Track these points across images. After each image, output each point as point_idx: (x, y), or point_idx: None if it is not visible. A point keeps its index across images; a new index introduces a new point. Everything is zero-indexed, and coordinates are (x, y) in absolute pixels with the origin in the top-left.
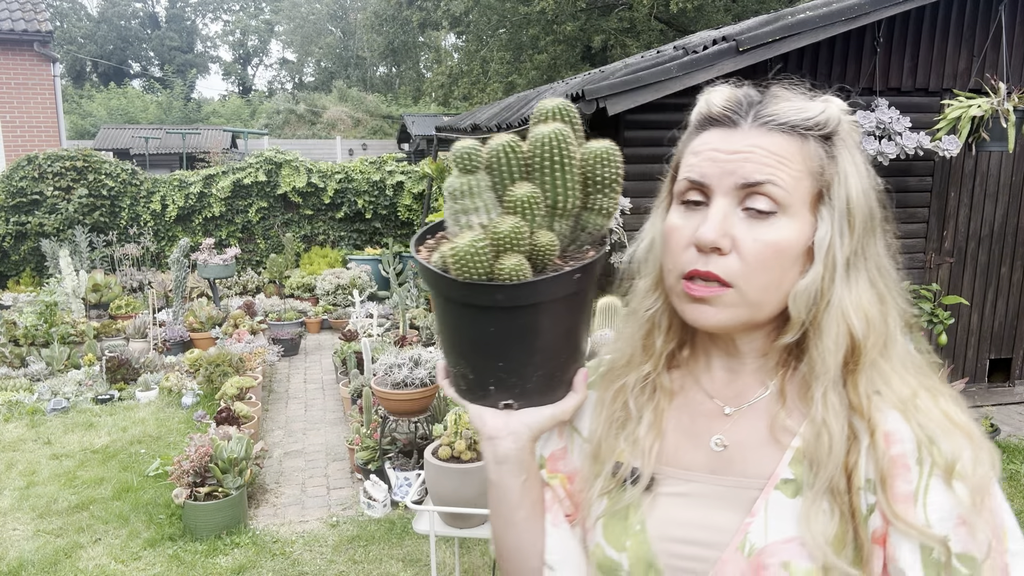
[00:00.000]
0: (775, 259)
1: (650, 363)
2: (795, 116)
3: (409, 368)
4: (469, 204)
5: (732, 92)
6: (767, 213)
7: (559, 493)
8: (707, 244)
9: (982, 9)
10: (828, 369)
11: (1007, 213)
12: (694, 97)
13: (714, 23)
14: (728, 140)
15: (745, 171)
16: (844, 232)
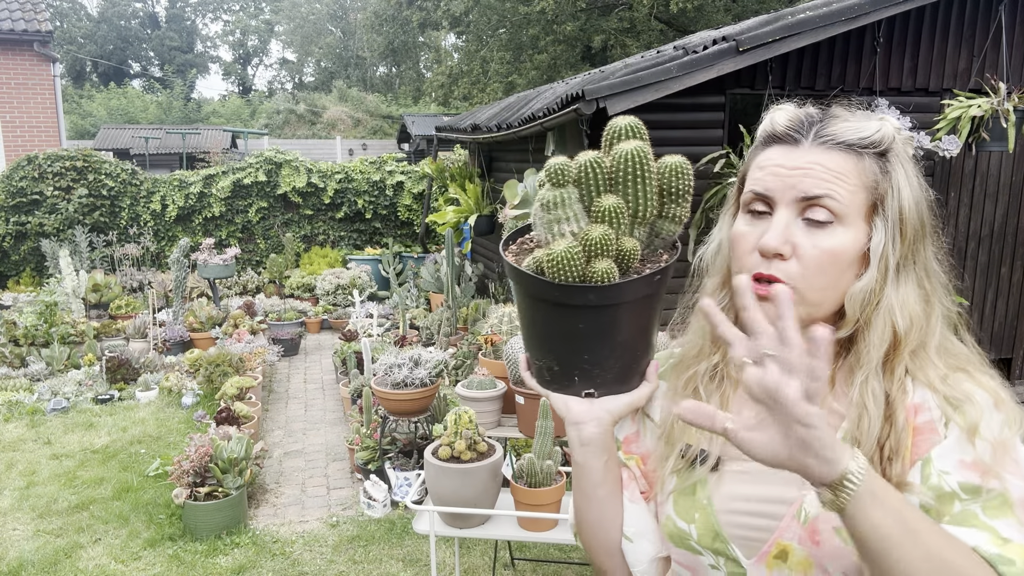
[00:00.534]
0: (832, 264)
1: (718, 354)
2: (852, 136)
3: (409, 368)
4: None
5: (795, 112)
6: (825, 223)
7: (635, 472)
8: (770, 251)
9: (982, 9)
10: (872, 360)
11: (1007, 213)
12: (694, 97)
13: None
14: (790, 156)
15: (805, 185)
16: (896, 240)
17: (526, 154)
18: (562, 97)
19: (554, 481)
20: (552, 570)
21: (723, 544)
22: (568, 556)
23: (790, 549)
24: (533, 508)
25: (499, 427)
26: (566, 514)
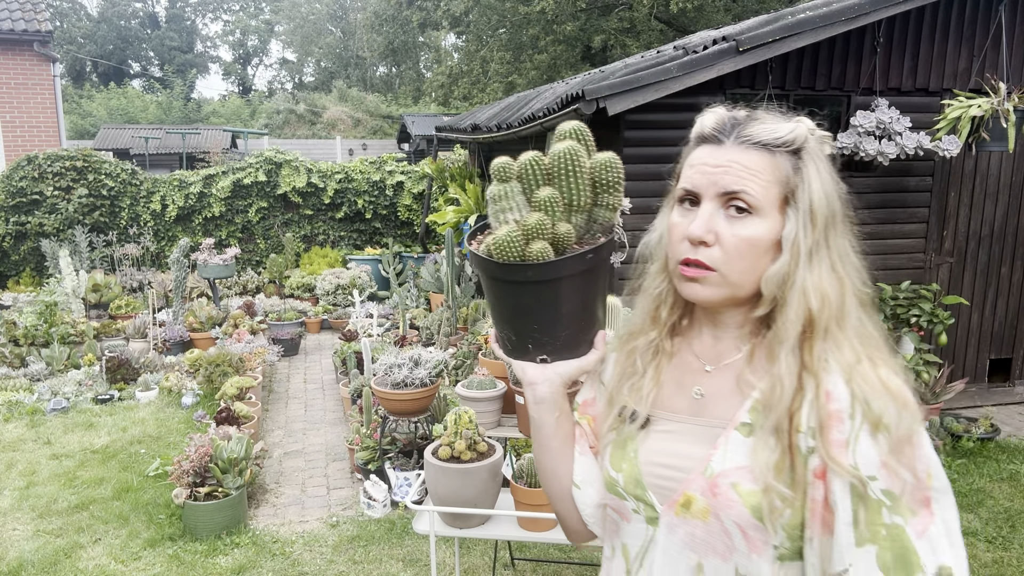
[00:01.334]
0: (749, 250)
1: (656, 330)
2: (766, 136)
3: (409, 368)
4: (505, 205)
5: (722, 115)
6: (742, 214)
7: (586, 430)
8: (695, 238)
9: (982, 9)
10: (788, 336)
11: (1007, 213)
12: (694, 97)
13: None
14: (714, 155)
15: (725, 182)
16: (808, 228)
17: None
18: (562, 97)
19: None
20: (552, 570)
21: (642, 491)
22: (568, 556)
23: (693, 499)
24: (533, 508)
25: (499, 427)
26: None
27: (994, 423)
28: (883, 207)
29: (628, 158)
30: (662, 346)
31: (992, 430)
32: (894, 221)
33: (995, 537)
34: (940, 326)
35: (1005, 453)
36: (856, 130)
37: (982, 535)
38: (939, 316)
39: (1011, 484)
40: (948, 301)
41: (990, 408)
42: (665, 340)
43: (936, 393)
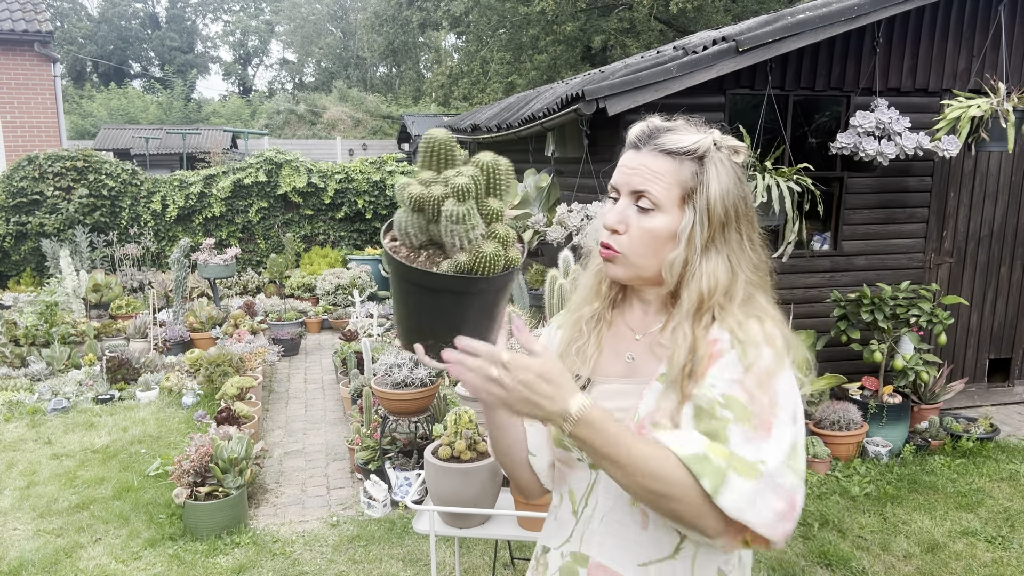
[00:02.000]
0: (650, 239)
1: (599, 302)
2: (672, 145)
3: (409, 368)
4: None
5: (643, 125)
6: (648, 209)
7: None
8: (608, 227)
9: (982, 9)
10: (683, 310)
11: (1007, 213)
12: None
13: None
14: (632, 159)
15: (634, 182)
16: (704, 224)
17: (526, 154)
18: (562, 97)
19: None
20: None
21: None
22: None
23: None
24: (533, 508)
25: None
26: None
27: (993, 423)
28: (882, 207)
29: None
30: (603, 315)
31: (991, 430)
32: (893, 221)
33: (995, 537)
34: (940, 326)
35: (1004, 453)
36: (856, 130)
37: (982, 535)
38: (939, 316)
39: (1010, 484)
40: (947, 301)
41: (989, 408)
42: (606, 310)
43: (936, 393)
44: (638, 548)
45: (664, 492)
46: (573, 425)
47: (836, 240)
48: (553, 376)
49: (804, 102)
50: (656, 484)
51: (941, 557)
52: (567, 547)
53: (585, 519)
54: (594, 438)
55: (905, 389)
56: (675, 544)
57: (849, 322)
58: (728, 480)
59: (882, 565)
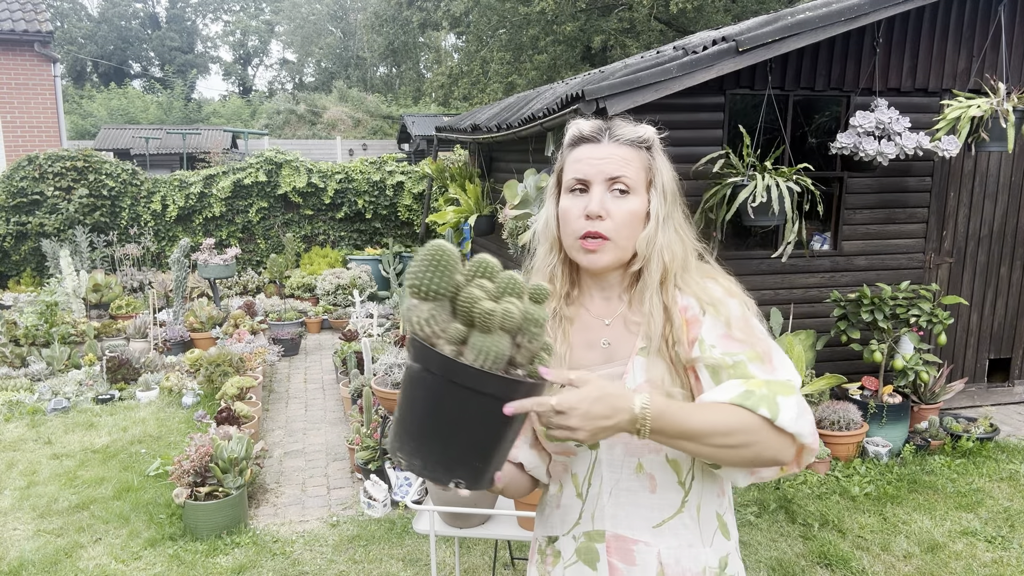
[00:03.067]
0: (632, 220)
1: (554, 301)
2: (631, 135)
3: None
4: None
5: (595, 121)
6: (624, 193)
7: None
8: (594, 214)
9: (981, 9)
10: (653, 282)
11: (1007, 213)
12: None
13: (714, 23)
14: (597, 151)
15: (609, 169)
16: (663, 203)
17: (526, 154)
18: (562, 97)
19: None
20: None
21: None
22: None
23: None
24: (533, 508)
25: None
26: None
27: (993, 423)
28: (882, 207)
29: None
30: (563, 313)
31: (991, 430)
32: (893, 221)
33: (995, 537)
34: (939, 326)
35: (1004, 453)
36: (855, 130)
37: (982, 535)
38: (938, 316)
39: (1010, 484)
40: (947, 301)
41: (989, 408)
42: (563, 308)
43: (935, 393)
44: (649, 511)
45: (739, 441)
46: (646, 424)
47: (836, 240)
48: (602, 395)
49: (804, 102)
50: (728, 438)
51: (941, 557)
52: (578, 529)
53: (592, 497)
54: (666, 425)
55: (905, 389)
56: (681, 499)
57: (849, 322)
58: (778, 401)
59: (882, 565)
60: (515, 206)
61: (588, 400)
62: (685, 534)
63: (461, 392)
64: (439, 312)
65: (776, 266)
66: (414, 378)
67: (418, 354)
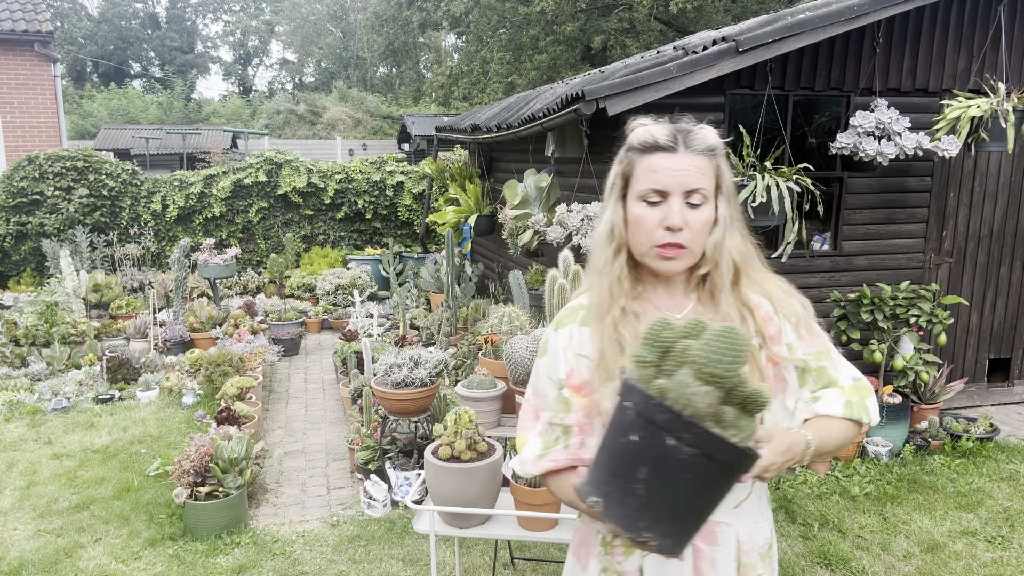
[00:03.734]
0: (704, 228)
1: (624, 300)
2: (704, 145)
3: (409, 368)
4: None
5: (668, 128)
6: (698, 204)
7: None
8: (677, 227)
9: (981, 9)
10: (725, 284)
11: (1006, 213)
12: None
13: (714, 23)
14: (674, 161)
15: (688, 181)
16: (728, 206)
17: (526, 154)
18: (562, 97)
19: None
20: (552, 569)
21: None
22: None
23: None
24: (533, 508)
25: (499, 427)
26: (566, 514)
27: (993, 423)
28: (882, 207)
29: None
30: (631, 311)
31: (991, 430)
32: (893, 221)
33: (995, 537)
34: (939, 326)
35: (1004, 453)
36: (855, 130)
37: (981, 535)
38: (938, 316)
39: (1010, 484)
40: (947, 301)
41: (989, 408)
42: (630, 305)
43: (935, 393)
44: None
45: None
46: (808, 455)
47: (836, 240)
48: (787, 445)
49: (804, 102)
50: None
51: (941, 557)
52: None
53: None
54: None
55: (905, 389)
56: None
57: (849, 322)
58: (867, 405)
59: (882, 565)
60: (515, 206)
61: (779, 454)
62: (754, 512)
63: (720, 469)
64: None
65: (776, 266)
66: (689, 463)
67: (698, 439)
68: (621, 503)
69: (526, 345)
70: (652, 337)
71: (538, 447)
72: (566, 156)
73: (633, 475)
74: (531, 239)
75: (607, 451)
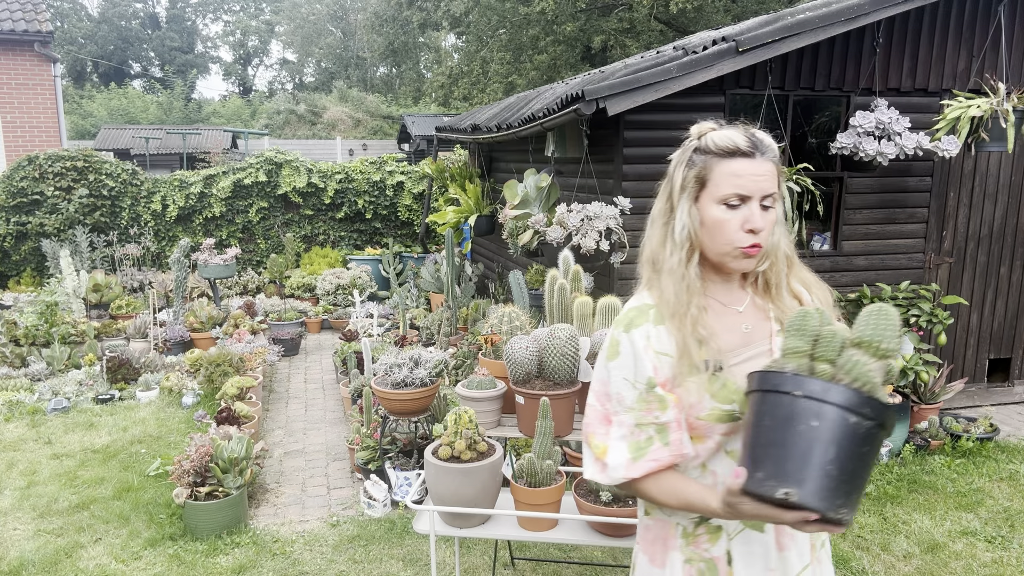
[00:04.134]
0: (772, 228)
1: (697, 297)
2: (774, 151)
3: (409, 368)
4: None
5: (742, 132)
6: (771, 206)
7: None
8: (760, 229)
9: (981, 9)
10: (782, 277)
11: (1006, 213)
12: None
13: (714, 23)
14: (754, 167)
15: (765, 187)
16: (781, 206)
17: (526, 154)
18: (562, 97)
19: (554, 481)
20: (552, 569)
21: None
22: (568, 556)
23: None
24: (533, 508)
25: (499, 427)
26: (566, 514)
27: (993, 423)
28: (882, 207)
29: (628, 158)
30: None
31: (991, 430)
32: (893, 221)
33: (995, 537)
34: (939, 326)
35: (1004, 453)
36: (855, 130)
37: (981, 535)
38: (938, 316)
39: (1010, 484)
40: (947, 301)
41: (989, 408)
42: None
43: (935, 393)
44: None
45: None
46: None
47: (836, 240)
48: None
49: (804, 102)
50: None
51: (941, 557)
52: None
53: None
54: None
55: (905, 389)
56: None
57: (849, 322)
58: None
59: (882, 565)
60: (515, 206)
61: None
62: None
63: (884, 435)
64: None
65: None
66: (867, 435)
67: (876, 411)
68: (819, 487)
69: (526, 345)
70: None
71: (626, 451)
72: (566, 156)
73: (824, 458)
74: (531, 239)
75: (785, 442)
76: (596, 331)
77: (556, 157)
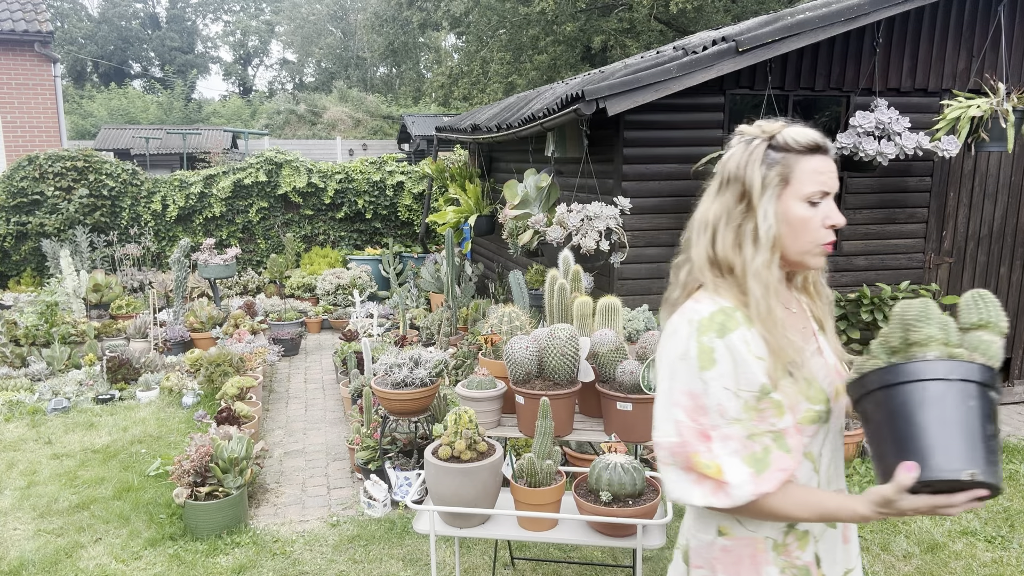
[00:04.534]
0: None
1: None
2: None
3: (409, 368)
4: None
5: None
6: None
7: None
8: (840, 225)
9: (981, 9)
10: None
11: (1006, 213)
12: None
13: (714, 24)
14: (829, 164)
15: (835, 183)
16: None
17: (526, 154)
18: (562, 97)
19: (554, 481)
20: (552, 569)
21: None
22: (568, 556)
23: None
24: (533, 508)
25: (499, 427)
26: (566, 514)
27: None
28: (882, 207)
29: (628, 158)
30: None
31: None
32: (893, 221)
33: (995, 537)
34: None
35: (1004, 453)
36: (855, 130)
37: (981, 535)
38: None
39: (1010, 484)
40: (947, 301)
41: None
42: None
43: None
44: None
45: None
46: None
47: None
48: None
49: (804, 102)
50: None
51: (941, 557)
52: None
53: (824, 467)
54: None
55: None
56: None
57: (849, 322)
58: None
59: (882, 565)
60: (515, 206)
61: None
62: None
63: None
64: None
65: None
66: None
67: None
68: (988, 461)
69: (526, 345)
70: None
71: (743, 466)
72: (566, 156)
73: (986, 433)
74: (531, 239)
75: (947, 426)
76: (596, 331)
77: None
